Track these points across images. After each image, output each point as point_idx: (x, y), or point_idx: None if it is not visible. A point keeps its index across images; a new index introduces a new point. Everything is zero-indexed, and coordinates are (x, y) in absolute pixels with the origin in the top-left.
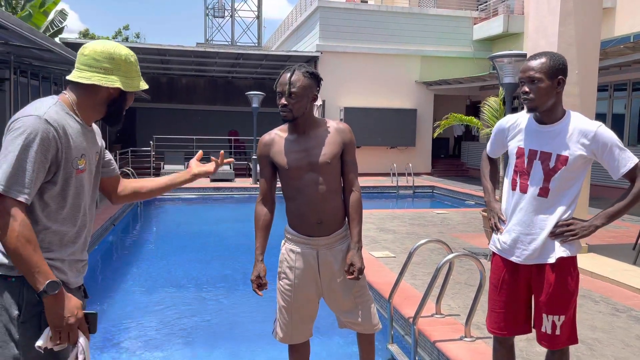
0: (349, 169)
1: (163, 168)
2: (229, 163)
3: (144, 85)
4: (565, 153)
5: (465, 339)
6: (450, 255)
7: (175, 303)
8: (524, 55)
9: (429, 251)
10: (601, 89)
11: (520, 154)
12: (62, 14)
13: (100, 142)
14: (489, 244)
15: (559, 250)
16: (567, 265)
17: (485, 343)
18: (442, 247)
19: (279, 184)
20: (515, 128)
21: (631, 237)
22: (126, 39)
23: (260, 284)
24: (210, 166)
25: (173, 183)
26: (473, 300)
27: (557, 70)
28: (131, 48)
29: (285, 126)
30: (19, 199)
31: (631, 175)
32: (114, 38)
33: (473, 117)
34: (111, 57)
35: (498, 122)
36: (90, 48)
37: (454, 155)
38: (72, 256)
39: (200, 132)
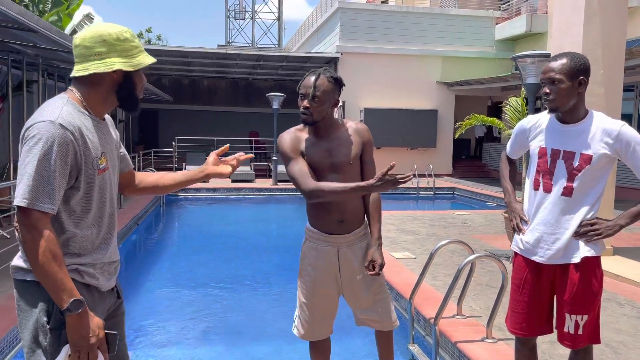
0: (368, 169)
1: (185, 169)
2: (247, 159)
3: (149, 60)
4: (589, 152)
5: (487, 340)
6: (472, 256)
7: (196, 301)
8: (547, 55)
9: (450, 252)
10: (627, 89)
11: (542, 153)
12: (89, 18)
13: (115, 133)
14: (510, 245)
15: (584, 250)
16: (592, 265)
17: (507, 344)
18: (463, 248)
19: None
20: (536, 128)
21: None
22: (149, 42)
23: None
24: (225, 169)
25: (188, 180)
26: (495, 301)
27: (578, 71)
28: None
29: (303, 126)
30: (45, 210)
31: None
32: None
33: (495, 118)
34: (102, 39)
35: (519, 123)
36: (80, 37)
37: (475, 157)
38: (104, 259)
39: (221, 133)
